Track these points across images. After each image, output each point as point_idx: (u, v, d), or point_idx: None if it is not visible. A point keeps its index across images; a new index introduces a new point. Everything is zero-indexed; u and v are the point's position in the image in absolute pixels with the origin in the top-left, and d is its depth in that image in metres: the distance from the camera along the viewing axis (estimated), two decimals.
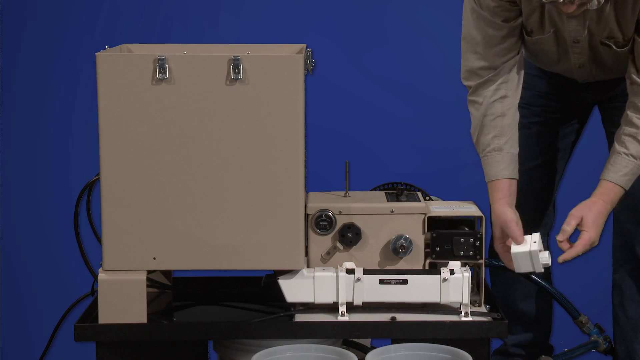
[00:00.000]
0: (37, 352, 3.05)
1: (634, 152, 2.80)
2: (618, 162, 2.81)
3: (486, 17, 2.82)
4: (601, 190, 2.82)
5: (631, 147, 2.81)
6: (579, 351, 3.20)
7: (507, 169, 2.87)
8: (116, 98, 2.60)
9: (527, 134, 3.12)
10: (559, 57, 2.96)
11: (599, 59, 2.91)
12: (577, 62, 2.94)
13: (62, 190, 4.13)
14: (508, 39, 2.85)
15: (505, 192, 2.86)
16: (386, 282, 2.70)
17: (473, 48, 2.87)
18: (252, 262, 2.66)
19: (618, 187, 2.82)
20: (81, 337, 2.67)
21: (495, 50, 2.85)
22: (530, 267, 2.78)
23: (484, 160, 2.90)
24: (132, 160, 2.62)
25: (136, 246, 2.65)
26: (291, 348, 2.56)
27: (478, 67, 2.88)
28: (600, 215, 2.80)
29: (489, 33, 2.84)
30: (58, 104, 4.21)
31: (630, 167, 2.81)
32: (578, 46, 2.88)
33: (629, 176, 2.81)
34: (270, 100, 2.60)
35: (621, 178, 2.81)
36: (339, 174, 2.89)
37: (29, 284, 4.26)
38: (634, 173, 2.82)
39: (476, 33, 2.85)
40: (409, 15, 4.15)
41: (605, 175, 2.83)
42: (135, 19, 4.18)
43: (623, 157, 2.81)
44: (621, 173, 2.81)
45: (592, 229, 2.79)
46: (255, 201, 2.63)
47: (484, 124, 2.88)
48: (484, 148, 2.89)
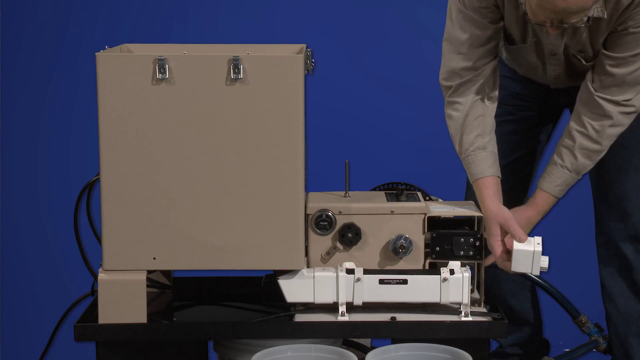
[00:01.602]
0: (37, 352, 3.05)
1: (569, 165, 2.88)
2: (554, 172, 2.90)
3: (473, 17, 2.84)
4: (536, 200, 2.92)
5: (567, 159, 2.89)
6: (580, 351, 3.20)
7: (492, 166, 2.88)
8: (116, 98, 2.60)
9: (500, 132, 3.14)
10: (536, 67, 3.00)
11: (574, 69, 2.95)
12: (554, 73, 2.99)
13: (62, 190, 4.13)
14: (492, 41, 2.88)
15: (495, 190, 2.86)
16: (386, 282, 2.70)
17: (457, 49, 2.88)
18: (252, 262, 2.66)
19: (551, 197, 2.91)
20: (81, 337, 2.67)
21: (480, 50, 2.87)
22: (529, 267, 2.77)
23: (468, 160, 2.90)
24: (132, 160, 2.62)
25: (136, 246, 2.65)
26: (291, 348, 2.56)
27: (460, 68, 2.88)
28: (529, 224, 2.90)
29: (475, 33, 2.86)
30: (58, 104, 4.21)
31: (564, 178, 2.89)
32: (555, 58, 2.93)
33: (562, 187, 2.90)
34: (270, 100, 2.60)
35: (555, 188, 2.90)
36: (339, 174, 2.89)
37: (29, 284, 4.26)
38: (567, 184, 2.91)
39: (461, 33, 2.87)
40: (409, 15, 4.15)
41: (541, 184, 2.92)
42: (135, 19, 4.18)
43: (559, 168, 2.90)
44: (555, 183, 2.90)
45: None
46: (255, 201, 2.63)
47: (466, 123, 2.89)
48: (468, 147, 2.89)
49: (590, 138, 2.86)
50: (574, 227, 3.97)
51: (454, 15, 2.88)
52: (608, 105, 2.82)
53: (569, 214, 3.76)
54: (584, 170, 2.90)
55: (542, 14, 2.64)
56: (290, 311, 2.74)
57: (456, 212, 2.82)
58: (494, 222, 2.81)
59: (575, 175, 2.90)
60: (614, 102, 2.82)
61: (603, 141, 2.86)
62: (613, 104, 2.82)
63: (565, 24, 2.65)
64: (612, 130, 2.86)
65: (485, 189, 2.87)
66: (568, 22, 2.64)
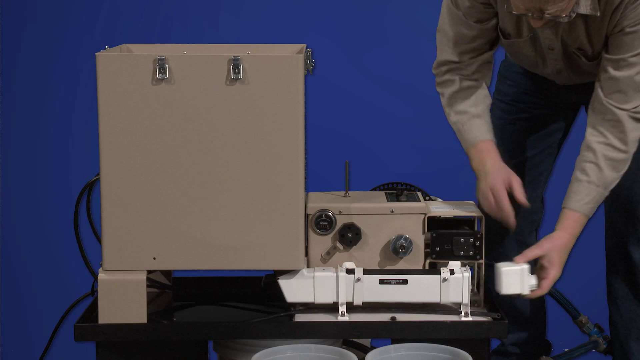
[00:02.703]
0: (37, 352, 3.05)
1: (595, 179, 2.79)
2: (580, 190, 2.80)
3: (460, 17, 2.87)
4: (566, 223, 2.81)
5: (592, 174, 2.79)
6: (580, 351, 3.20)
7: (488, 132, 2.87)
8: (116, 98, 2.60)
9: (513, 129, 3.14)
10: (537, 62, 3.00)
11: (575, 65, 2.94)
12: (555, 68, 2.98)
13: (62, 190, 4.13)
14: (478, 40, 2.90)
15: (495, 152, 2.84)
16: (386, 282, 2.70)
17: (445, 42, 2.93)
18: (252, 262, 2.66)
19: (582, 216, 2.80)
20: (81, 337, 2.67)
21: (465, 48, 2.90)
22: (518, 287, 2.73)
23: (462, 128, 2.89)
24: (132, 160, 2.62)
25: (136, 246, 2.65)
26: (291, 348, 2.56)
27: (447, 60, 2.93)
28: (566, 251, 2.80)
29: (461, 32, 2.88)
30: (58, 104, 4.21)
31: (592, 194, 2.79)
32: (553, 53, 2.92)
33: (592, 204, 2.80)
34: (270, 100, 2.60)
35: (584, 206, 2.80)
36: (339, 174, 2.89)
37: (29, 284, 4.26)
38: (596, 201, 2.80)
39: (449, 29, 2.89)
40: (409, 15, 4.15)
41: (568, 203, 2.81)
42: (135, 19, 4.18)
43: (585, 184, 2.79)
44: (584, 201, 2.80)
45: (557, 266, 2.78)
46: (255, 201, 2.63)
47: (458, 95, 2.91)
48: (461, 116, 2.89)
49: (612, 146, 2.79)
50: None
51: (444, 10, 2.92)
52: (618, 111, 2.78)
53: None
54: (612, 184, 2.81)
55: (521, 4, 2.64)
56: (290, 311, 2.74)
57: (456, 212, 2.82)
58: (499, 180, 2.78)
59: (603, 190, 2.80)
60: (623, 109, 2.78)
61: (629, 147, 2.79)
62: (623, 110, 2.78)
63: (546, 14, 2.63)
64: (634, 135, 2.79)
65: (483, 152, 2.85)
66: (548, 12, 2.62)
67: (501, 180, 2.80)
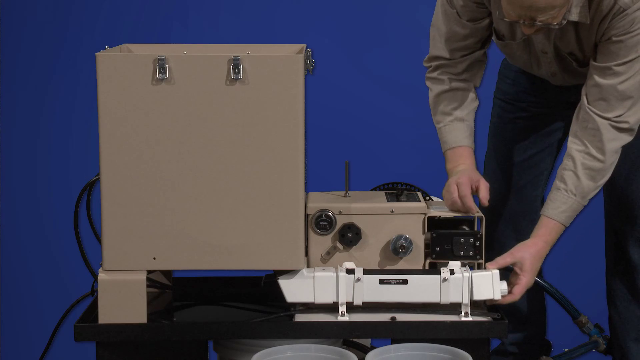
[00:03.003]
0: (37, 352, 3.05)
1: (572, 188, 2.79)
2: (557, 197, 2.80)
3: (453, 15, 2.88)
4: (541, 230, 2.81)
5: (569, 182, 2.79)
6: (580, 351, 3.20)
7: (468, 138, 2.89)
8: (116, 98, 2.60)
9: (512, 128, 3.14)
10: (532, 63, 3.01)
11: (569, 69, 2.95)
12: (549, 70, 2.99)
13: (62, 190, 4.13)
14: (470, 38, 2.92)
15: (470, 160, 2.86)
16: (386, 282, 2.70)
17: (437, 38, 2.95)
18: (252, 262, 2.66)
19: (557, 224, 2.80)
20: (81, 337, 2.67)
21: (456, 45, 2.92)
22: (491, 292, 2.72)
23: (444, 129, 2.91)
24: (132, 160, 2.62)
25: (136, 246, 2.65)
26: (291, 348, 2.56)
27: (438, 56, 2.96)
28: (539, 258, 2.80)
29: (453, 29, 2.90)
30: (58, 104, 4.21)
31: (569, 203, 2.79)
32: (547, 56, 2.94)
33: (569, 213, 2.80)
34: (270, 100, 2.60)
35: (560, 215, 2.80)
36: (339, 174, 2.89)
37: (29, 284, 4.26)
38: (574, 210, 2.80)
39: (442, 26, 2.92)
40: (409, 15, 4.15)
41: (545, 211, 2.81)
42: (135, 19, 4.18)
43: (562, 192, 2.80)
44: (560, 209, 2.80)
45: (530, 273, 2.78)
46: (255, 201, 2.63)
47: (444, 96, 2.93)
48: (444, 117, 2.91)
49: (590, 155, 2.79)
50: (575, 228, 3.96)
51: (439, 7, 2.93)
52: (599, 120, 2.78)
53: None
54: (589, 194, 2.80)
55: (512, 11, 2.65)
56: (290, 311, 2.74)
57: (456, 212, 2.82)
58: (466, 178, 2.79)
59: (580, 199, 2.79)
60: (605, 118, 2.78)
61: (606, 157, 2.78)
62: (604, 119, 2.78)
63: (537, 22, 2.64)
64: (613, 145, 2.79)
65: (458, 157, 2.87)
66: (539, 20, 2.63)
67: (468, 178, 2.81)
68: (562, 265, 3.67)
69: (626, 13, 2.70)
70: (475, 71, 2.98)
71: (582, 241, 3.66)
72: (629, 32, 2.71)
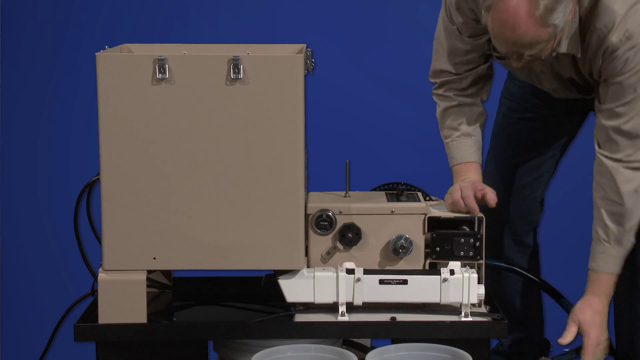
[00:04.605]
0: (37, 352, 3.05)
1: (604, 236, 2.79)
2: (597, 249, 2.81)
3: (454, 31, 2.88)
4: (593, 284, 2.83)
5: (600, 230, 2.80)
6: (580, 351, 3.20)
7: (475, 153, 2.89)
8: (116, 98, 2.60)
9: (517, 128, 3.14)
10: (532, 79, 3.00)
11: (571, 86, 2.93)
12: (550, 87, 2.99)
13: (62, 190, 4.13)
14: (471, 53, 2.90)
15: (477, 174, 2.86)
16: (386, 282, 2.70)
17: (440, 52, 2.93)
18: (252, 262, 2.66)
19: (605, 275, 2.81)
20: (81, 337, 2.67)
21: (459, 60, 2.91)
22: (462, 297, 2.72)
23: (451, 144, 2.91)
24: (132, 160, 2.62)
25: (136, 246, 2.65)
26: (291, 348, 2.56)
27: (443, 70, 2.94)
28: (596, 313, 2.81)
29: (455, 45, 2.89)
30: (58, 104, 4.21)
31: (608, 252, 2.79)
32: (546, 75, 2.93)
33: (611, 262, 2.80)
34: (270, 100, 2.60)
35: (604, 265, 2.80)
36: (339, 174, 2.89)
37: (29, 284, 4.26)
38: (614, 256, 2.80)
39: (444, 41, 2.91)
40: (409, 15, 4.15)
41: (590, 264, 2.83)
42: (135, 19, 4.18)
43: (599, 243, 2.81)
44: (602, 260, 2.80)
45: (591, 329, 2.80)
46: (255, 201, 2.63)
47: (451, 110, 2.92)
48: (451, 132, 2.91)
49: (610, 200, 2.78)
50: (575, 227, 3.96)
51: (439, 22, 2.92)
52: (610, 163, 2.77)
53: (569, 213, 3.77)
54: (622, 238, 2.78)
55: (499, 46, 2.64)
56: (290, 311, 2.74)
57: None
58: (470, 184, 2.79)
59: (617, 245, 2.78)
60: (615, 160, 2.77)
61: (625, 200, 2.76)
62: (614, 161, 2.77)
63: (525, 56, 2.63)
64: (629, 187, 2.77)
65: (466, 172, 2.87)
66: (527, 54, 2.62)
67: (472, 184, 2.81)
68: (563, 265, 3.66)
69: (616, 55, 2.68)
70: (481, 85, 2.96)
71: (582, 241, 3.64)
72: (624, 73, 2.69)
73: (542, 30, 2.56)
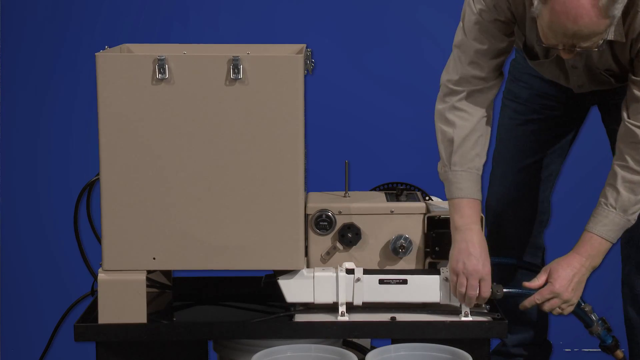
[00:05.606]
0: (37, 352, 3.05)
1: (612, 202, 2.75)
2: (598, 212, 2.77)
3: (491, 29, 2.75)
4: (580, 243, 2.78)
5: (610, 196, 2.76)
6: None
7: (480, 191, 2.80)
8: (116, 98, 2.60)
9: (523, 130, 3.12)
10: (559, 76, 2.96)
11: (598, 79, 2.91)
12: (577, 82, 2.95)
13: (62, 190, 4.13)
14: (504, 55, 2.81)
15: (479, 216, 2.76)
16: (386, 282, 2.70)
17: (469, 58, 2.78)
18: (252, 262, 2.66)
19: (598, 238, 2.76)
20: (81, 337, 2.68)
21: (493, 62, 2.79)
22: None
23: (460, 174, 2.77)
24: (132, 160, 2.62)
25: (136, 246, 2.65)
26: (291, 348, 2.56)
27: (472, 76, 2.79)
28: (570, 267, 2.76)
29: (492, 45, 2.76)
30: (58, 104, 4.21)
31: (610, 217, 2.75)
32: (577, 71, 2.89)
33: (610, 226, 2.76)
34: (270, 100, 2.60)
35: (601, 229, 2.76)
36: (339, 174, 2.89)
37: (29, 284, 4.26)
38: (615, 223, 2.76)
39: (475, 44, 2.77)
40: (409, 15, 4.15)
41: (587, 226, 2.78)
42: (135, 19, 4.17)
43: (603, 207, 2.76)
44: (601, 223, 2.76)
45: (557, 281, 2.75)
46: (255, 201, 2.63)
47: (469, 137, 2.79)
48: (464, 161, 2.78)
49: (630, 169, 2.74)
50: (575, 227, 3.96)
51: (469, 25, 2.79)
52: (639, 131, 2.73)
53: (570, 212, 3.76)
54: (630, 207, 2.75)
55: (553, 37, 2.57)
56: (290, 311, 2.74)
57: None
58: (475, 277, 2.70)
59: (622, 213, 2.75)
60: None
61: None
62: None
63: (577, 48, 2.58)
64: None
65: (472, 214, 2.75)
66: (580, 46, 2.57)
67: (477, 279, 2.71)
68: None
69: None
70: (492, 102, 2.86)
71: None
72: None
73: (602, 21, 2.51)
